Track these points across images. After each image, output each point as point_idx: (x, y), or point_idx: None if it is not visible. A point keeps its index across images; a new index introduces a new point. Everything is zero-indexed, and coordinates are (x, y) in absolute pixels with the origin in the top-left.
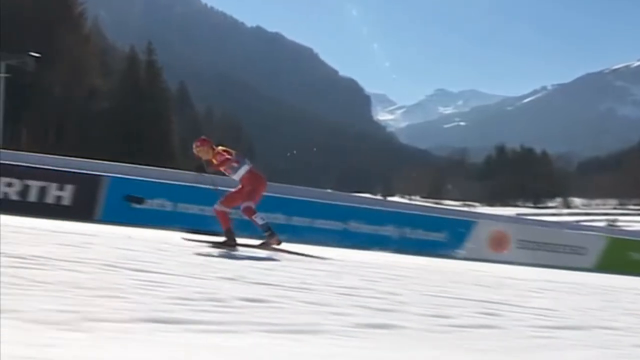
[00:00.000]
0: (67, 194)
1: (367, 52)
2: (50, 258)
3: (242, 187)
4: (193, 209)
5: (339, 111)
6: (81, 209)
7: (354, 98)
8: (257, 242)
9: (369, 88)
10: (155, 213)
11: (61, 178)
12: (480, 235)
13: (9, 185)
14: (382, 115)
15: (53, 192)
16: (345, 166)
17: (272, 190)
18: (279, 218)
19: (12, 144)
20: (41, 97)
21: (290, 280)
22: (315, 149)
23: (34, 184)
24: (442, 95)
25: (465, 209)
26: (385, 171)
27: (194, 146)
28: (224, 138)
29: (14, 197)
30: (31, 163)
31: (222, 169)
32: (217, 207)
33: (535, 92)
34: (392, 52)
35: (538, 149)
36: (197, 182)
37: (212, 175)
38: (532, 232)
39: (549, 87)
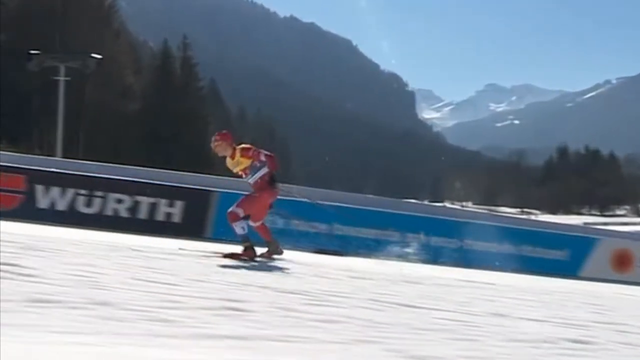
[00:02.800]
0: (176, 210)
1: (409, 44)
2: (323, 292)
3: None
4: (305, 226)
5: (380, 108)
6: (191, 226)
7: (397, 94)
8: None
9: (413, 83)
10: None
11: (171, 194)
12: (602, 253)
13: (119, 201)
14: (428, 113)
15: (163, 208)
16: (388, 169)
17: (383, 205)
18: (393, 235)
19: (42, 149)
20: (71, 98)
21: (546, 314)
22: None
23: (144, 200)
24: (494, 91)
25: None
26: (432, 175)
27: (212, 140)
28: (258, 139)
29: (124, 215)
30: (141, 178)
31: (243, 170)
32: (252, 224)
33: (597, 86)
34: (438, 44)
35: (603, 151)
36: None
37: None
38: None
39: (614, 81)
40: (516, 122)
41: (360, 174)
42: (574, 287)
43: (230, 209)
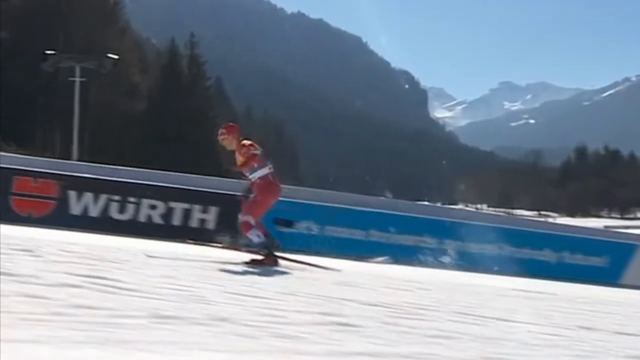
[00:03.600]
0: (210, 216)
1: (421, 41)
2: (406, 305)
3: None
4: (340, 231)
5: (391, 107)
6: (226, 233)
7: (408, 93)
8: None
9: (425, 81)
10: (303, 237)
11: (204, 199)
12: None
13: (153, 207)
14: (440, 112)
15: (196, 214)
16: (398, 169)
17: (420, 210)
18: (430, 242)
19: (47, 150)
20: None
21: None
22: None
23: (178, 206)
24: (508, 89)
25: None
26: (444, 176)
27: (219, 133)
28: (266, 139)
29: (158, 221)
30: (171, 183)
31: (245, 168)
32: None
33: (616, 84)
34: (450, 41)
35: (623, 151)
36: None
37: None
38: None
39: (633, 79)
40: (531, 121)
41: (370, 174)
42: (633, 297)
43: (240, 219)
